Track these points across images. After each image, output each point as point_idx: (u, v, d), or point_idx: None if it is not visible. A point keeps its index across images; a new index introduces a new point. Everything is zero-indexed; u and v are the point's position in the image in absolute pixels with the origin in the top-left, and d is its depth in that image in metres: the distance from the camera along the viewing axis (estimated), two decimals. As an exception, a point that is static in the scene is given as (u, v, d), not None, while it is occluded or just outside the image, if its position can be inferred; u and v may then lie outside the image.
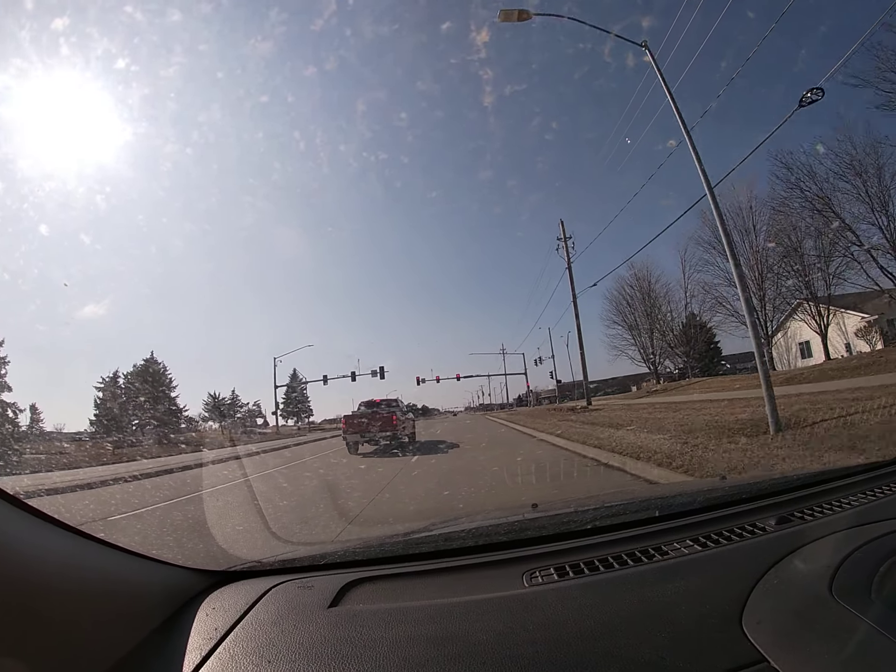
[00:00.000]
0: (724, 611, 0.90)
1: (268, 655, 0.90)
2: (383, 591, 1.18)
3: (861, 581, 0.93)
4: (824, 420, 7.39)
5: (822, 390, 13.02)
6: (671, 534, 1.32)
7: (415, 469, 9.58)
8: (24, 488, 8.11)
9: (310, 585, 1.21)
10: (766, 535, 1.26)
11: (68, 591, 0.83)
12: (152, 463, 15.53)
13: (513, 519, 1.62)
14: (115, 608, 0.92)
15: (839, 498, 1.47)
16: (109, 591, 0.93)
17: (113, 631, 0.89)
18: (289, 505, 6.07)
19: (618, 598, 1.00)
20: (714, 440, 7.14)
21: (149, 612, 1.00)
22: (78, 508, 6.85)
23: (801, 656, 0.76)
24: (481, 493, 5.83)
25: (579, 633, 0.89)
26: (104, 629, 0.87)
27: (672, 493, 1.84)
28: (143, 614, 0.98)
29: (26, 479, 10.77)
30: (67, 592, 0.82)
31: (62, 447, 26.35)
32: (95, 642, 0.84)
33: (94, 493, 8.88)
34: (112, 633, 0.88)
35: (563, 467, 7.17)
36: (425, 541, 1.46)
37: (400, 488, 7.00)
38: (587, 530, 1.38)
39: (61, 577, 0.83)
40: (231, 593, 1.19)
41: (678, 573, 1.08)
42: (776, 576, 1.02)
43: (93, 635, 0.84)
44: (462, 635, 0.91)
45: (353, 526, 4.57)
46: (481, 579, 1.18)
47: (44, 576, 0.79)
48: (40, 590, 0.76)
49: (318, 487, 7.99)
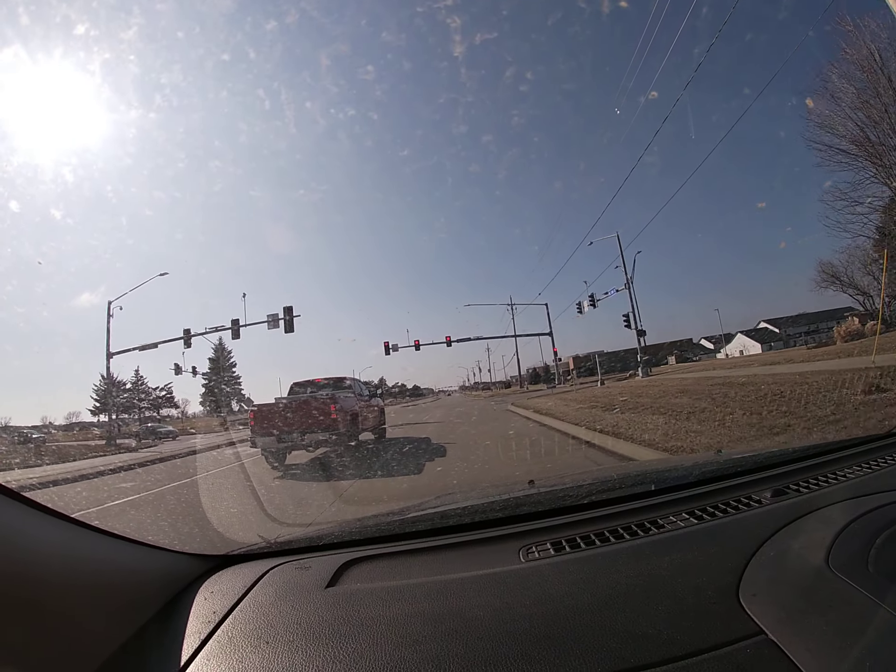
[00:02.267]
0: (721, 584, 0.91)
1: (266, 636, 0.90)
2: (380, 569, 1.18)
3: (858, 553, 0.93)
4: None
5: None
6: (667, 507, 1.33)
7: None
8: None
9: (307, 566, 1.21)
10: (763, 507, 1.26)
11: (65, 580, 0.82)
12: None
13: (509, 495, 1.62)
14: (114, 595, 0.92)
15: (835, 470, 1.48)
16: (107, 579, 0.93)
17: (112, 618, 0.88)
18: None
19: (614, 572, 1.00)
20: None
21: (147, 599, 1.00)
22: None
23: (799, 628, 0.76)
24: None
25: (576, 607, 0.89)
26: (103, 616, 0.87)
27: (668, 467, 1.85)
28: (141, 600, 0.98)
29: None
30: (65, 581, 0.81)
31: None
32: (94, 630, 0.84)
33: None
34: (111, 619, 0.88)
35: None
36: (421, 519, 1.46)
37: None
38: (583, 505, 1.38)
39: (58, 567, 0.82)
40: (229, 576, 1.19)
41: (674, 546, 1.09)
42: (772, 548, 1.02)
43: (92, 623, 0.84)
44: (459, 611, 0.91)
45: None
46: (478, 555, 1.18)
47: (40, 566, 0.78)
48: (37, 580, 0.76)
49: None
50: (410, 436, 11.95)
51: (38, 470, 11.20)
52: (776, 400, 7.22)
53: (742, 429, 5.81)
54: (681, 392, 11.26)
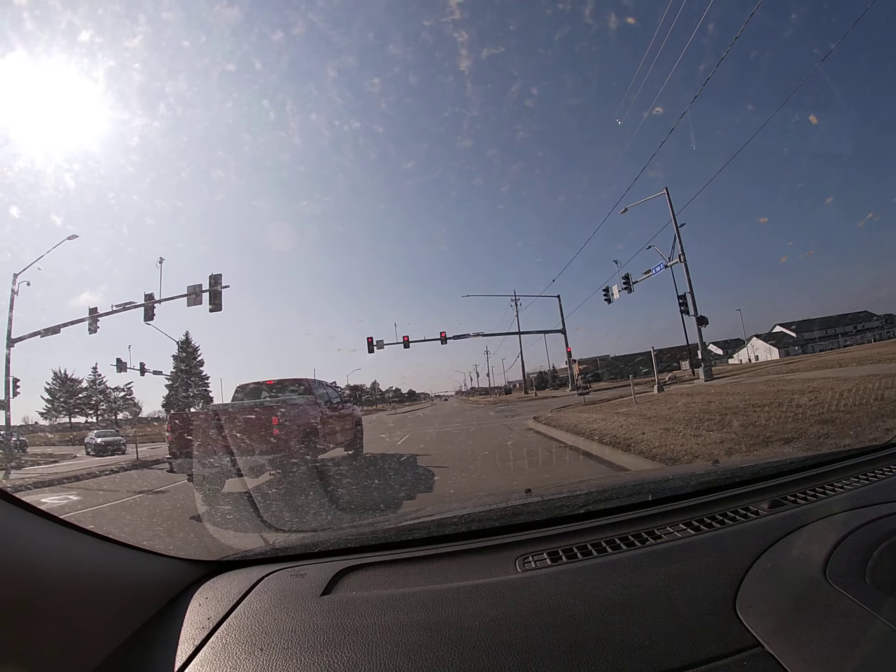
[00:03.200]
0: (718, 595, 0.90)
1: (260, 644, 0.89)
2: (376, 577, 1.17)
3: (855, 565, 0.93)
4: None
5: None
6: (664, 518, 1.33)
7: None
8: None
9: (302, 573, 1.20)
10: (760, 518, 1.26)
11: (60, 584, 0.82)
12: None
13: (506, 504, 1.62)
14: (108, 600, 0.91)
15: (832, 482, 1.48)
16: (103, 583, 0.93)
17: (106, 623, 0.88)
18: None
19: (611, 583, 1.00)
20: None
21: (142, 604, 1.00)
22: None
23: (796, 640, 0.76)
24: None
25: (572, 617, 0.88)
26: (97, 621, 0.86)
27: (665, 477, 1.84)
28: (136, 606, 0.98)
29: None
30: (59, 585, 0.81)
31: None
32: (89, 634, 0.83)
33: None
34: (105, 624, 0.88)
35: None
36: (418, 527, 1.45)
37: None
38: (580, 515, 1.38)
39: (53, 571, 0.82)
40: (224, 582, 1.19)
41: (671, 557, 1.08)
42: (770, 560, 1.02)
43: (86, 628, 0.83)
44: (455, 621, 0.91)
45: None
46: (474, 565, 1.17)
47: (35, 570, 0.78)
48: (32, 584, 0.76)
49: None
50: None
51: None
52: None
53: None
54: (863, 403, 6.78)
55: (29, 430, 35.48)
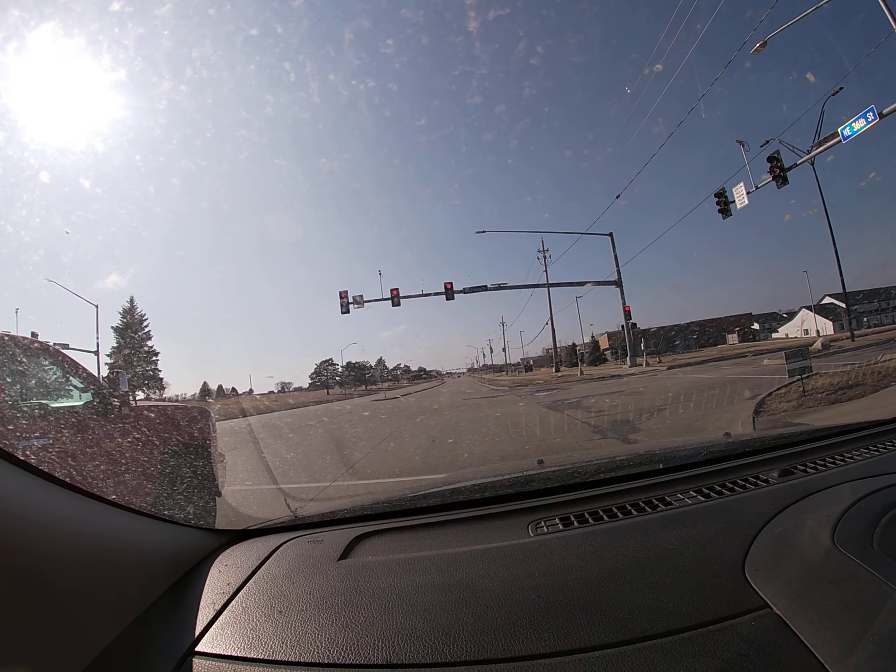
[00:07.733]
0: (727, 558, 0.92)
1: (279, 606, 0.92)
2: (391, 543, 1.20)
3: (863, 531, 0.93)
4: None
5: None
6: (675, 485, 1.34)
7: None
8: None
9: (319, 540, 1.24)
10: (770, 486, 1.26)
11: (79, 553, 0.82)
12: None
13: (519, 472, 1.64)
14: (129, 569, 0.93)
15: (842, 452, 1.48)
16: (122, 553, 0.94)
17: (126, 592, 0.90)
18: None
19: (622, 546, 1.01)
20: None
21: (163, 572, 1.02)
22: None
23: (803, 603, 0.77)
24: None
25: (584, 578, 0.90)
26: (118, 590, 0.88)
27: (676, 447, 1.85)
28: (157, 574, 1.00)
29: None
30: (78, 555, 0.81)
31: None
32: (109, 604, 0.84)
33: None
34: (126, 593, 0.89)
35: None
36: (432, 494, 1.48)
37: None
38: (592, 482, 1.40)
39: (72, 541, 0.82)
40: (243, 550, 1.22)
41: (682, 522, 1.10)
42: (779, 525, 1.02)
43: (106, 597, 0.84)
44: (468, 582, 0.93)
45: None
46: (487, 530, 1.20)
47: (53, 541, 0.77)
48: (48, 554, 0.75)
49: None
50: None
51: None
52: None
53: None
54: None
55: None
